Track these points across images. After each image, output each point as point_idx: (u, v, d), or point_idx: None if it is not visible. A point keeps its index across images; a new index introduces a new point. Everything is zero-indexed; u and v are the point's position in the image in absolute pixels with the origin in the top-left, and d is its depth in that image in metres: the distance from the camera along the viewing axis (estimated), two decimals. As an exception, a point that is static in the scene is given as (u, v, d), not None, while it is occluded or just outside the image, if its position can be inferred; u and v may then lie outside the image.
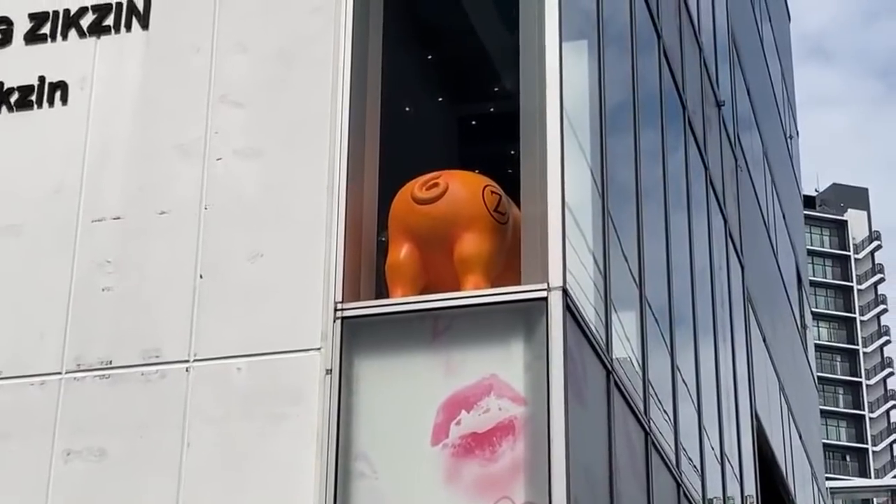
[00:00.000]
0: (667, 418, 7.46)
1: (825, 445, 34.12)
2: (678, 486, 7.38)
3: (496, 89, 7.88)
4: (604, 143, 6.41)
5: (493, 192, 5.30)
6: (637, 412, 6.32)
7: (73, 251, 5.73)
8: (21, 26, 6.28)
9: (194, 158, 5.75)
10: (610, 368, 5.66)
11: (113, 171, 5.95)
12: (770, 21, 17.18)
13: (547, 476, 4.53)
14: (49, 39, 6.33)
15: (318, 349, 5.01)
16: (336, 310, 5.04)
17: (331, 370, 4.89)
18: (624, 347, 6.48)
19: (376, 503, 4.83)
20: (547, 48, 5.31)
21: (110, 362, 5.28)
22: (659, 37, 8.72)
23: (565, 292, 4.68)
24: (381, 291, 5.49)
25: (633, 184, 7.46)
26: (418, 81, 7.89)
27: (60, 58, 6.22)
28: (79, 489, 5.20)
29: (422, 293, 5.27)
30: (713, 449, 9.36)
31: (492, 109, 8.10)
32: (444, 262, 5.25)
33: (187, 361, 5.21)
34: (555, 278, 4.69)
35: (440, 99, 8.22)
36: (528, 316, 4.94)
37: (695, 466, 8.29)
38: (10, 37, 6.31)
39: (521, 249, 5.11)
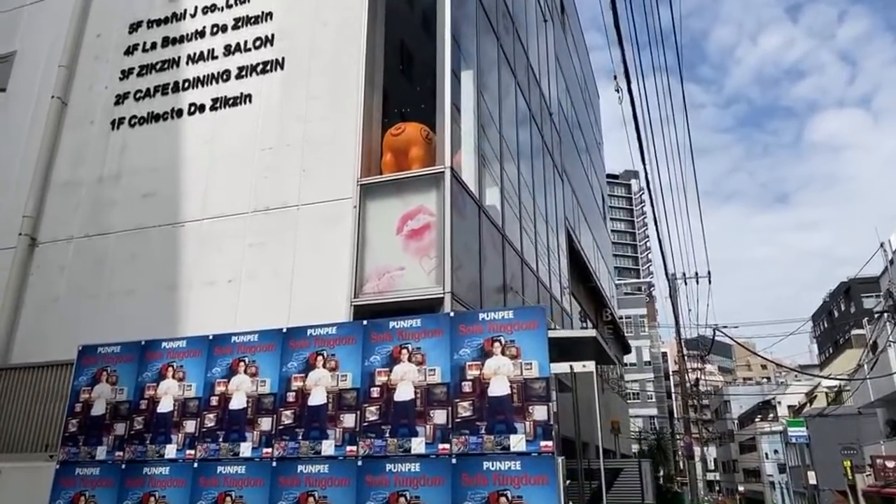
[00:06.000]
0: (516, 235, 10.91)
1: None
2: (521, 261, 10.81)
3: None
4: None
5: (425, 131, 8.72)
6: (496, 225, 9.75)
7: None
8: None
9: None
10: (479, 205, 9.05)
11: None
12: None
13: (443, 248, 7.50)
14: None
15: (350, 198, 8.14)
16: (358, 183, 8.10)
17: (356, 206, 8.08)
18: (493, 200, 9.96)
19: (373, 253, 7.81)
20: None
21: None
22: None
23: (452, 169, 8.02)
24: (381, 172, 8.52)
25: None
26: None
27: None
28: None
29: (398, 171, 8.40)
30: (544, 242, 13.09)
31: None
32: (405, 160, 8.59)
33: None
34: (447, 163, 8.04)
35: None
36: (437, 180, 7.99)
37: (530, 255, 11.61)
38: None
39: (435, 154, 8.37)
